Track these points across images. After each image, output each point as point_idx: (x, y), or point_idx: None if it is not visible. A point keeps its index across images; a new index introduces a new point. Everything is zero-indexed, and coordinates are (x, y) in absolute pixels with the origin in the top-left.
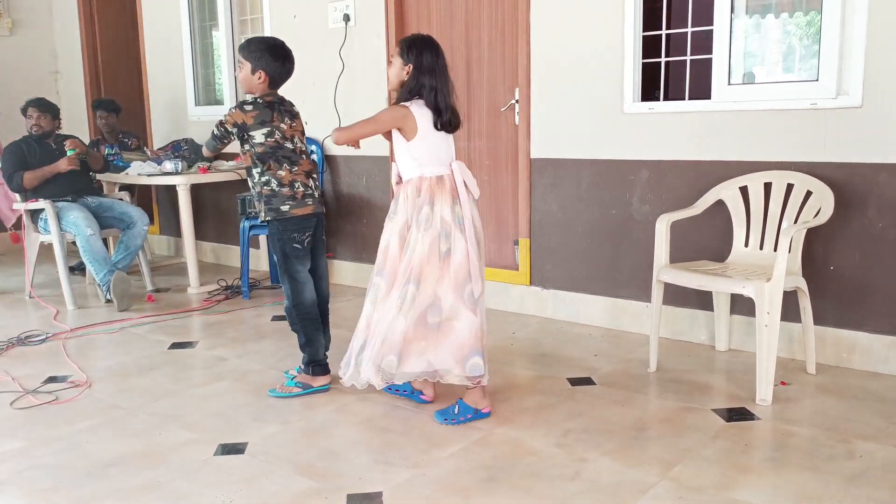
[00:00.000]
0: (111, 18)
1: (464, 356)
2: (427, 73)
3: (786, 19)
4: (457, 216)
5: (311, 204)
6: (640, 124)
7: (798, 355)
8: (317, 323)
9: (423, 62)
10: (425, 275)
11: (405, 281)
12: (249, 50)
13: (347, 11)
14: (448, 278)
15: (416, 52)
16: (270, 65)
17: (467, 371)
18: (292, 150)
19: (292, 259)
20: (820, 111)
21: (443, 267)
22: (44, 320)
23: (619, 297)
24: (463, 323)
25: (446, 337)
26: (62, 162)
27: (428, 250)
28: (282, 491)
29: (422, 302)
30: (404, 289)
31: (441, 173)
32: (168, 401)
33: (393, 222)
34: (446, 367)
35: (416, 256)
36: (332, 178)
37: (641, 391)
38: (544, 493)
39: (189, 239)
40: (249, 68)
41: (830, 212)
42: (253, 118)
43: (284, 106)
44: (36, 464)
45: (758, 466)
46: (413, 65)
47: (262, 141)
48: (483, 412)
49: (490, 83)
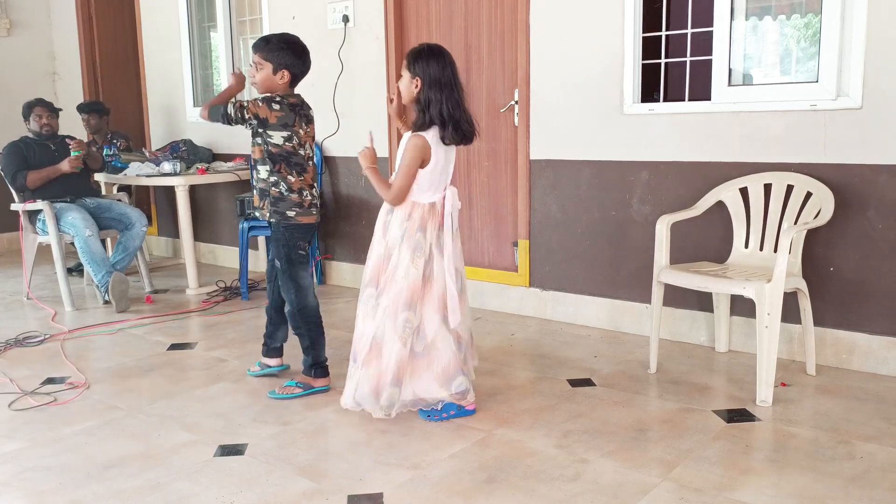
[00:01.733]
0: (109, 19)
1: (448, 379)
2: (435, 85)
3: (785, 21)
4: (440, 242)
5: (314, 213)
6: (640, 125)
7: (798, 356)
8: (320, 326)
9: (431, 74)
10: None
11: (403, 307)
12: (269, 49)
13: (347, 12)
14: (431, 303)
15: (422, 64)
16: (293, 62)
17: (453, 390)
18: (304, 157)
19: (297, 265)
20: (820, 112)
21: (426, 291)
22: (42, 321)
23: (619, 299)
24: (445, 349)
25: (430, 365)
26: (64, 163)
27: (422, 276)
28: (282, 492)
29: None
30: (403, 316)
31: (434, 200)
32: (167, 402)
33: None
34: (433, 395)
35: (410, 282)
36: (330, 179)
37: (641, 392)
38: (545, 494)
39: (187, 240)
40: (271, 69)
41: (830, 213)
42: (277, 118)
43: (304, 109)
44: (35, 465)
45: (758, 467)
46: (420, 78)
47: (279, 143)
48: (467, 409)
49: (489, 84)
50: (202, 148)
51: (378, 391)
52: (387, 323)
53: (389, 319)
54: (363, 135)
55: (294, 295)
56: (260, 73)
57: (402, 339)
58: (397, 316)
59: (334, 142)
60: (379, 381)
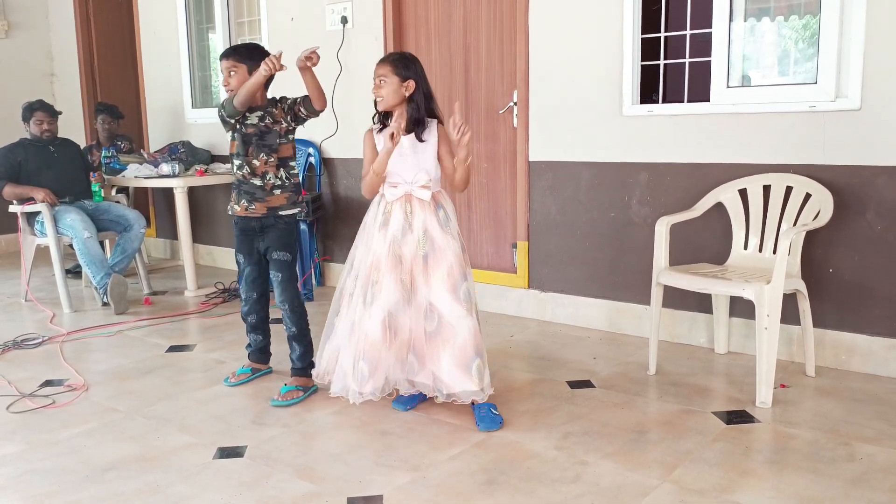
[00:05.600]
0: (107, 21)
1: (467, 360)
2: (425, 83)
3: (784, 22)
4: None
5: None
6: (639, 127)
7: (797, 358)
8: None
9: (420, 75)
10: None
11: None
12: (240, 53)
13: (345, 14)
14: (441, 282)
15: (413, 67)
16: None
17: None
18: None
19: (297, 258)
20: (819, 114)
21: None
22: (40, 323)
23: (618, 300)
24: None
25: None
26: (39, 192)
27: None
28: (281, 494)
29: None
30: (463, 287)
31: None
32: (166, 404)
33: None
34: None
35: (457, 255)
36: (329, 180)
37: (641, 394)
38: (545, 496)
39: (186, 242)
40: (246, 69)
41: (829, 214)
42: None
43: None
44: (33, 468)
45: (758, 469)
46: (414, 80)
47: (293, 138)
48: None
49: (488, 85)
50: (201, 150)
51: (473, 366)
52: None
53: (450, 295)
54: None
55: (294, 289)
56: (234, 78)
57: (469, 308)
58: (457, 289)
59: (333, 143)
60: (464, 357)
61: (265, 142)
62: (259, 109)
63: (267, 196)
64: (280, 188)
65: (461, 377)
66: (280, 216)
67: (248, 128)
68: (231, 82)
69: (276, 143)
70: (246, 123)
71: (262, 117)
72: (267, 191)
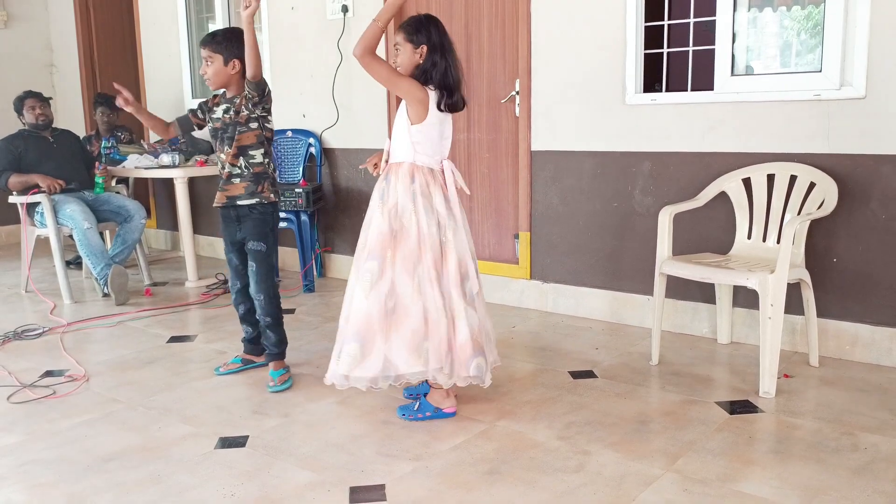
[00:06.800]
0: (107, 11)
1: (467, 357)
2: (438, 51)
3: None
4: (451, 214)
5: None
6: (642, 116)
7: (801, 347)
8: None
9: (434, 41)
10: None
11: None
12: (217, 42)
13: (346, 2)
14: (446, 276)
15: (425, 32)
16: (242, 52)
17: (471, 372)
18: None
19: (274, 248)
20: (823, 102)
21: (442, 262)
22: (41, 314)
23: (621, 291)
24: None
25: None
26: (45, 180)
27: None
28: (283, 484)
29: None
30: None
31: (433, 166)
32: (167, 394)
33: (386, 205)
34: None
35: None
36: (330, 171)
37: (644, 384)
38: (547, 485)
39: (186, 232)
40: (222, 60)
41: (834, 204)
42: (270, 101)
43: None
44: (34, 458)
45: (762, 459)
46: (427, 45)
47: (271, 126)
48: (446, 412)
49: (490, 74)
50: (201, 140)
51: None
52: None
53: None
54: (363, 126)
55: (270, 280)
56: (211, 67)
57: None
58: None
59: (333, 133)
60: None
61: (227, 133)
62: (225, 102)
63: (225, 185)
64: (238, 177)
65: (409, 358)
66: (253, 206)
67: (215, 122)
68: (208, 72)
69: (235, 133)
70: (213, 118)
71: (227, 109)
72: (225, 179)
